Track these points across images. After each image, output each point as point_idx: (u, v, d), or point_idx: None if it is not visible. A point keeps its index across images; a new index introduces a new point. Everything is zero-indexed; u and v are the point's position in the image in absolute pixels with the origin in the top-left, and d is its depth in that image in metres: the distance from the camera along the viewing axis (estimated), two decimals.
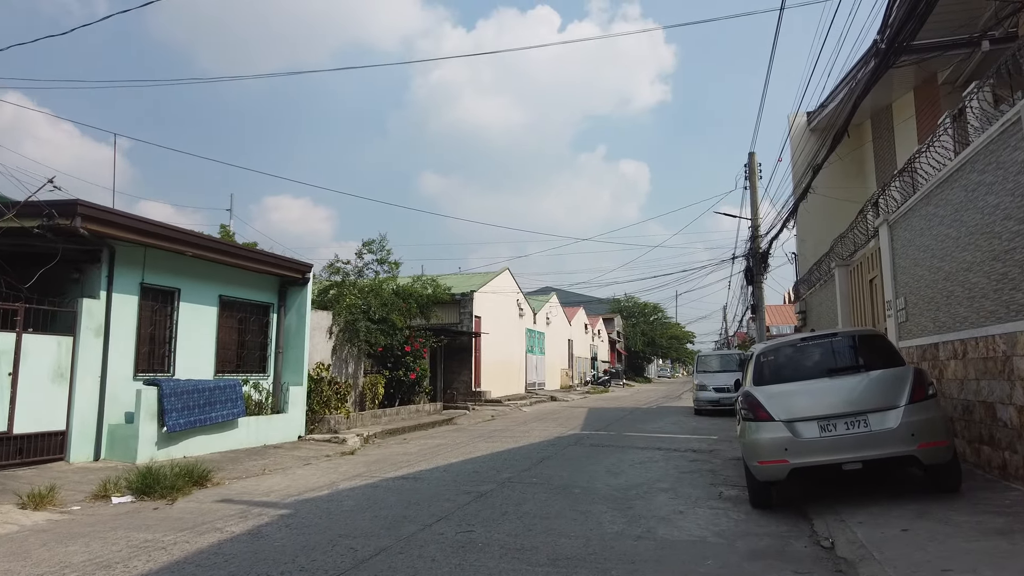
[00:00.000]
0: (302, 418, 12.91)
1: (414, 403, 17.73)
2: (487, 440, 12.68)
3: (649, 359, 72.68)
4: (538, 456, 10.17)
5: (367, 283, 16.59)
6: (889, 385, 5.97)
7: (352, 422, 14.41)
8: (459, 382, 23.30)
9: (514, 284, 28.68)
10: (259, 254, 12.15)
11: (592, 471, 8.66)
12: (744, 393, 6.58)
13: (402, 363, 16.69)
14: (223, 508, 6.67)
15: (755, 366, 6.76)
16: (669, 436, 13.13)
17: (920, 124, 15.04)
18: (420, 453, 10.91)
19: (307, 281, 13.18)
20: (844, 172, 19.70)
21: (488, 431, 14.53)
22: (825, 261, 15.78)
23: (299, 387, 12.89)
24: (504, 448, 11.29)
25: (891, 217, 9.86)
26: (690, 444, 11.70)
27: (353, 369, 15.88)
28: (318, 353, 14.66)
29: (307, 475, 8.79)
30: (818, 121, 20.47)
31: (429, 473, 8.66)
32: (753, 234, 21.38)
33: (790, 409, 6.08)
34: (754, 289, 21.58)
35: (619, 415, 19.05)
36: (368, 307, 15.44)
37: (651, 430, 14.41)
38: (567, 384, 38.30)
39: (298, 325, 13.16)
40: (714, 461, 9.58)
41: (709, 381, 19.19)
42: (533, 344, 31.86)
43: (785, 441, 5.94)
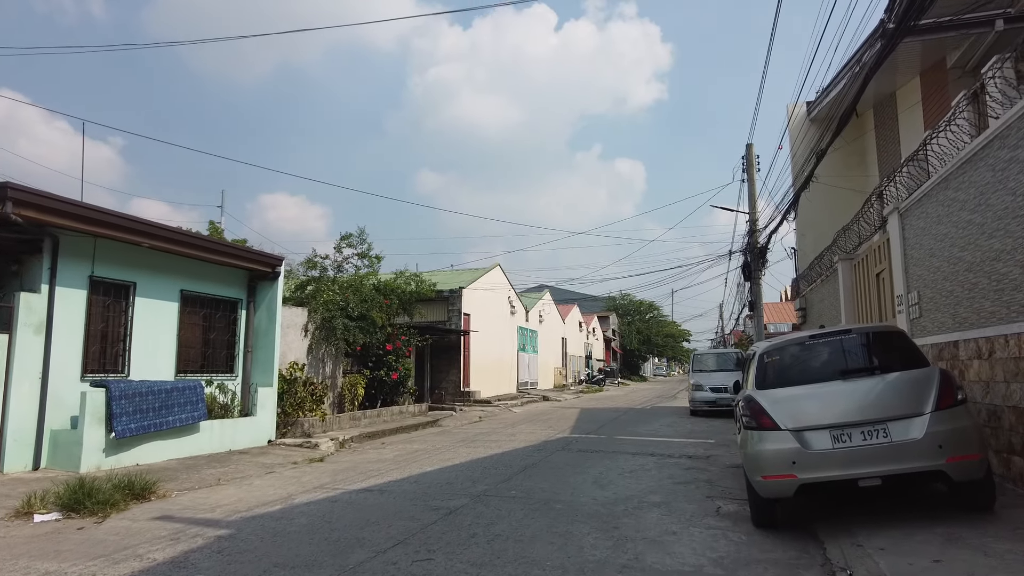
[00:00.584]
0: (272, 421, 12.11)
1: (397, 404, 16.95)
2: (469, 445, 11.91)
3: (645, 357, 71.99)
4: (521, 464, 9.41)
5: (347, 279, 15.79)
6: (912, 389, 5.22)
7: (328, 425, 13.62)
8: (447, 382, 22.53)
9: (505, 280, 27.90)
10: (224, 246, 11.34)
11: (577, 482, 7.90)
12: (745, 398, 5.82)
13: (384, 362, 15.90)
14: (156, 528, 5.88)
15: (758, 367, 6.00)
16: (663, 440, 12.38)
17: (927, 111, 14.32)
18: (395, 460, 10.14)
19: (277, 275, 12.38)
20: (845, 163, 19.00)
21: (472, 434, 13.76)
22: (827, 255, 15.05)
23: (269, 388, 12.10)
24: (486, 454, 10.52)
25: (902, 205, 9.11)
26: (685, 449, 10.95)
27: (331, 369, 15.09)
28: (292, 352, 13.87)
29: (265, 486, 8.00)
30: (818, 111, 19.75)
31: (398, 485, 7.88)
32: (751, 228, 20.66)
33: (798, 416, 5.33)
34: (752, 285, 20.85)
35: (612, 416, 18.31)
36: (346, 303, 14.64)
37: (644, 433, 13.66)
38: (560, 383, 37.55)
39: (268, 322, 12.36)
40: (711, 469, 8.83)
41: (705, 381, 18.46)
42: (525, 342, 31.09)
43: (792, 453, 5.19)
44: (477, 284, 24.47)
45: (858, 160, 19.72)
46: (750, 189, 20.92)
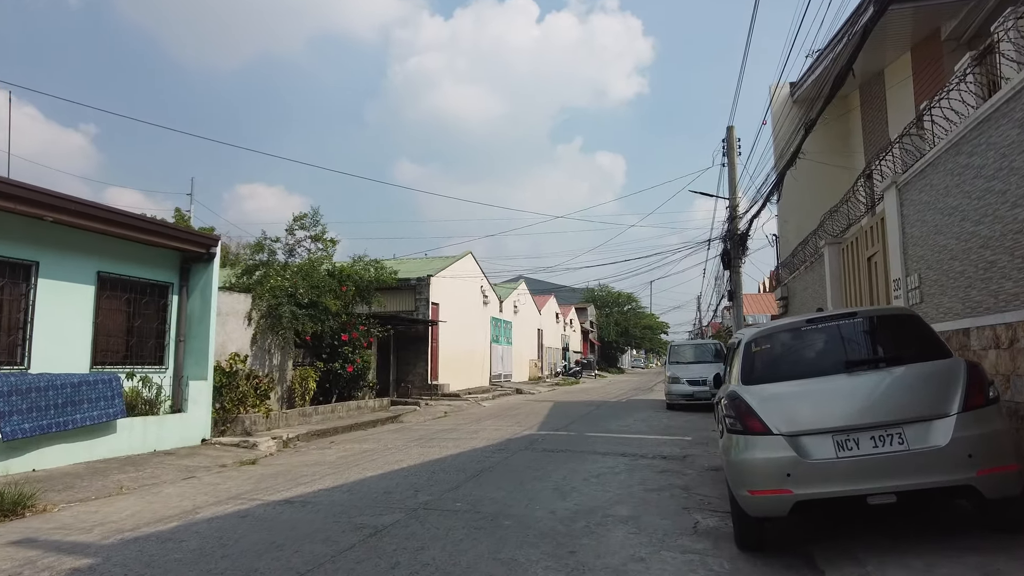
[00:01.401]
0: (207, 418, 10.94)
1: (355, 399, 15.82)
2: (425, 444, 10.85)
3: (623, 349, 71.49)
4: (476, 467, 8.37)
5: (299, 264, 14.58)
6: (933, 385, 4.27)
7: (274, 422, 12.46)
8: (414, 375, 21.42)
9: (477, 269, 26.80)
10: (148, 223, 10.09)
11: (536, 490, 6.88)
12: (729, 395, 4.82)
13: (339, 354, 14.74)
14: (4, 557, 4.74)
15: (744, 358, 5.01)
16: (636, 437, 11.43)
17: (918, 86, 13.48)
18: (336, 463, 9.04)
19: (212, 257, 11.16)
20: (829, 147, 18.19)
21: (432, 432, 12.70)
22: (812, 240, 14.20)
23: (203, 382, 10.91)
24: (440, 455, 9.47)
25: (901, 179, 8.20)
26: (660, 448, 10.01)
27: (279, 361, 13.90)
28: (233, 342, 12.66)
29: (174, 495, 6.87)
30: (802, 91, 18.91)
31: (327, 495, 6.79)
32: (731, 214, 19.81)
33: (794, 418, 4.36)
34: (731, 274, 20.03)
35: (584, 410, 17.36)
36: (295, 289, 13.45)
37: (617, 429, 12.71)
38: (536, 376, 36.63)
39: (203, 309, 11.15)
40: (687, 472, 7.88)
41: (682, 373, 17.59)
42: (499, 334, 30.06)
43: (787, 463, 4.22)
44: (447, 272, 23.35)
45: (842, 144, 18.93)
46: (730, 173, 20.06)
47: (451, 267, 23.77)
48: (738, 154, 20.30)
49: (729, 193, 19.98)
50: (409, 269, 23.56)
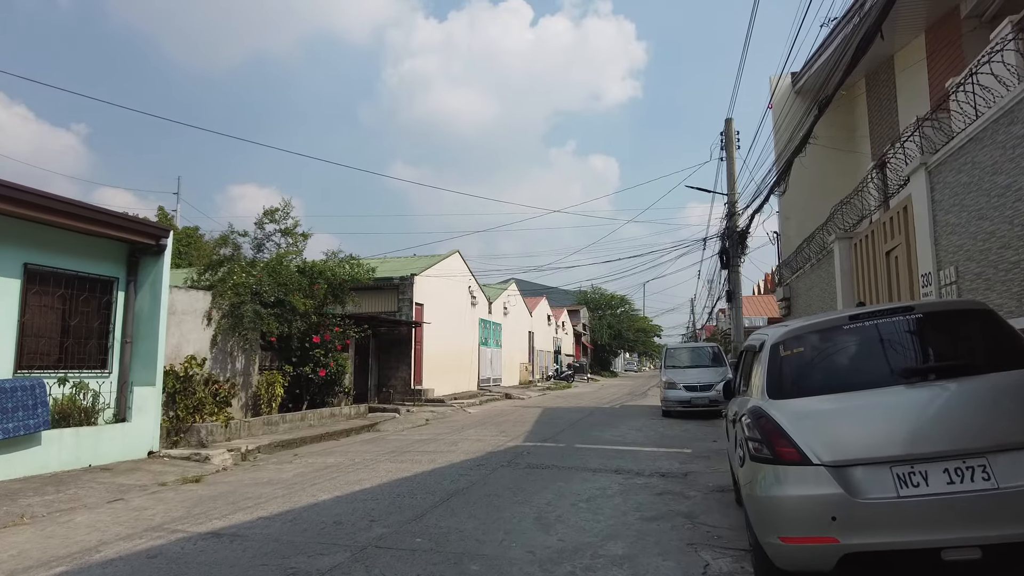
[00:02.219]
0: (155, 428, 9.84)
1: (329, 406, 14.72)
2: (396, 458, 9.78)
3: (616, 353, 70.51)
4: (449, 487, 7.31)
5: (269, 260, 13.48)
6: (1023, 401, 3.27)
7: (234, 431, 11.36)
8: (396, 379, 20.33)
9: (465, 268, 25.74)
10: (84, 209, 8.97)
11: (514, 518, 5.83)
12: (752, 412, 3.80)
13: (310, 357, 13.65)
14: None
15: (770, 364, 3.98)
16: (631, 449, 10.41)
17: (933, 69, 12.56)
18: (291, 481, 7.96)
19: (163, 249, 10.07)
20: (833, 141, 17.28)
21: (407, 443, 11.63)
22: (818, 236, 13.24)
23: (151, 387, 9.82)
24: (410, 472, 8.40)
25: (932, 160, 7.22)
26: (657, 463, 8.98)
27: (243, 364, 12.80)
28: (190, 344, 11.56)
29: (81, 526, 5.78)
30: (805, 81, 18.02)
31: (265, 525, 5.72)
32: (730, 211, 18.86)
33: (839, 443, 3.36)
34: (730, 274, 19.06)
35: (576, 417, 16.33)
36: (260, 287, 12.36)
37: (610, 439, 11.68)
38: (526, 380, 35.57)
39: (153, 307, 10.06)
40: (690, 495, 6.85)
41: (679, 378, 16.57)
42: (488, 336, 29.00)
43: (832, 503, 3.21)
44: (432, 271, 22.28)
45: (847, 136, 18.04)
46: (729, 167, 19.11)
47: (437, 266, 22.70)
48: (737, 147, 19.37)
49: (728, 188, 19.02)
50: (392, 268, 22.49)
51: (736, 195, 18.89)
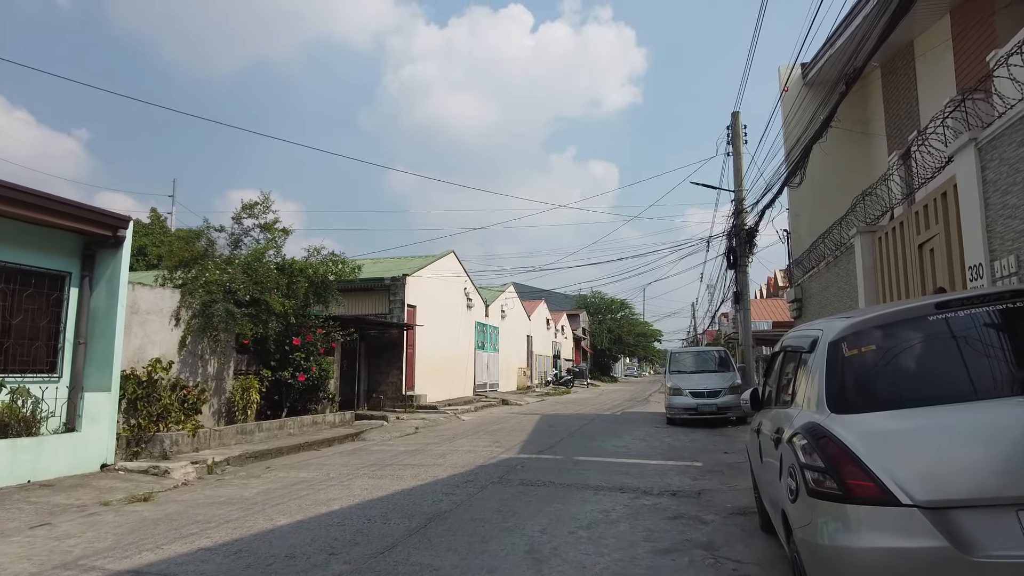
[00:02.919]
0: (109, 439, 8.91)
1: (311, 413, 13.77)
2: (376, 472, 8.84)
3: (616, 357, 69.59)
4: (428, 510, 6.37)
5: (245, 256, 12.54)
6: None
7: (202, 441, 10.42)
8: (387, 385, 19.38)
9: (460, 269, 24.82)
10: (26, 194, 8.03)
11: (501, 552, 4.90)
12: (809, 430, 2.86)
13: (289, 361, 12.71)
14: None
15: (829, 368, 3.03)
16: (636, 463, 9.47)
17: (961, 50, 11.66)
18: (252, 500, 7.02)
19: (121, 241, 9.16)
20: (845, 136, 16.39)
21: (392, 455, 10.69)
22: (835, 232, 12.33)
23: (104, 394, 8.89)
24: (388, 491, 7.46)
25: (984, 134, 6.31)
26: (666, 478, 8.05)
27: (216, 368, 11.86)
28: (155, 346, 10.62)
29: None
30: (817, 71, 17.13)
31: (201, 561, 4.78)
32: (737, 208, 17.97)
33: (937, 475, 2.44)
34: (737, 274, 18.17)
35: (575, 425, 15.39)
36: (235, 285, 11.43)
37: (612, 451, 10.75)
38: (524, 385, 34.61)
39: (110, 304, 9.13)
40: (707, 519, 5.92)
41: (684, 384, 15.64)
42: (484, 340, 28.06)
43: (934, 561, 2.29)
44: (426, 272, 21.36)
45: (860, 130, 17.13)
46: (736, 163, 18.23)
47: (430, 266, 21.79)
48: (744, 142, 18.49)
49: (735, 184, 18.15)
50: (384, 268, 21.58)
51: (744, 191, 18.02)
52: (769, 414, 4.24)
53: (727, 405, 14.90)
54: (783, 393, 3.93)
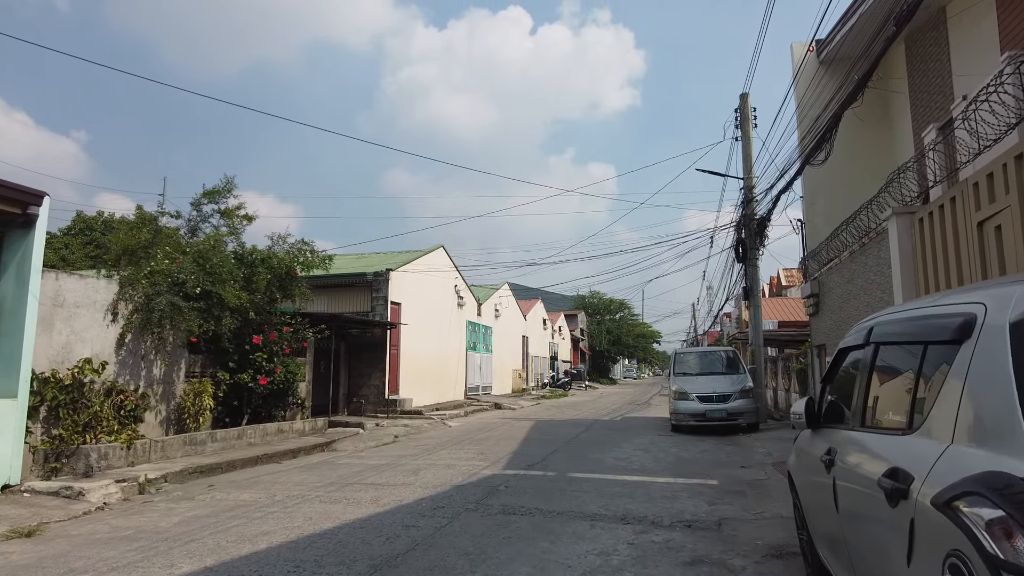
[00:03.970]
0: (14, 454, 7.52)
1: (278, 420, 12.37)
2: (330, 495, 7.45)
3: (615, 359, 68.24)
4: (377, 553, 4.99)
5: (198, 243, 11.14)
6: None
7: (141, 454, 9.03)
8: (369, 388, 17.99)
9: (451, 264, 23.45)
10: None
11: None
12: (1001, 489, 1.49)
13: (250, 362, 11.32)
14: None
15: (1020, 368, 1.67)
16: (640, 480, 8.10)
17: (1004, 15, 10.32)
18: (166, 533, 5.63)
19: (32, 221, 7.77)
20: (864, 120, 15.07)
21: (357, 470, 9.30)
22: (862, 216, 10.96)
23: (10, 401, 7.49)
24: (335, 522, 6.07)
25: None
26: (677, 503, 6.68)
27: (165, 370, 10.47)
28: (85, 344, 9.23)
29: None
30: (833, 48, 15.80)
31: None
32: (746, 196, 16.62)
33: None
34: (747, 268, 16.83)
35: (571, 433, 14.01)
36: (184, 276, 10.04)
37: (612, 465, 9.38)
38: (520, 388, 33.22)
39: (18, 295, 7.75)
40: (734, 563, 4.57)
41: (691, 387, 14.28)
42: (476, 340, 26.68)
43: None
44: (413, 267, 19.98)
45: (881, 113, 15.80)
46: (745, 148, 16.90)
47: (417, 261, 20.40)
48: (754, 126, 17.16)
49: (744, 171, 16.82)
50: (368, 263, 20.20)
51: (753, 179, 16.68)
52: (839, 439, 2.88)
53: (738, 411, 13.56)
54: (880, 410, 2.57)
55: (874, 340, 2.69)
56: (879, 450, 2.32)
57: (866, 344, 2.79)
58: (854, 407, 2.86)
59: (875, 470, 2.18)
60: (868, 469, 2.32)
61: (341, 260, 23.05)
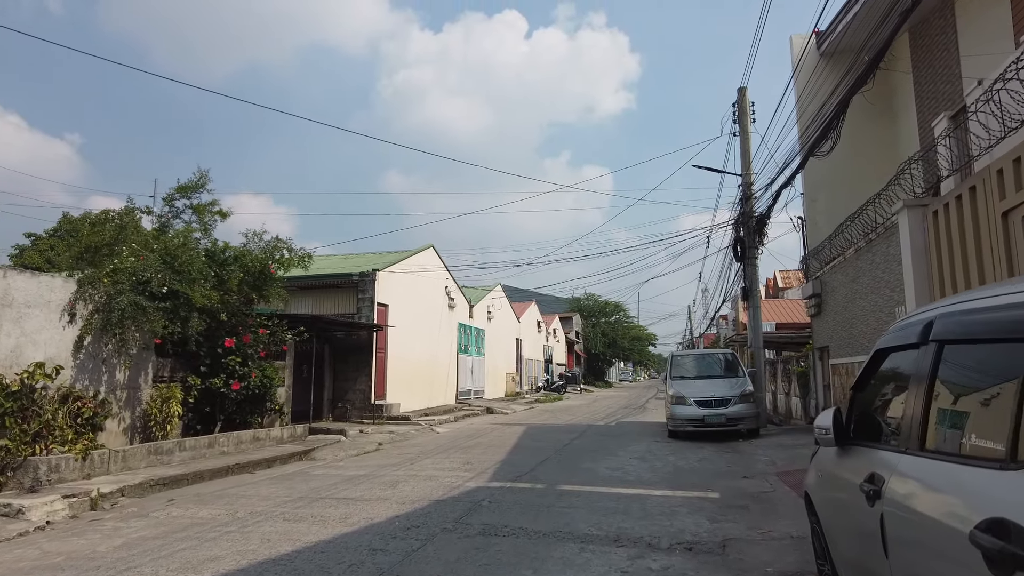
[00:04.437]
0: None
1: (254, 427, 11.72)
2: (295, 512, 6.82)
3: (610, 362, 67.67)
4: None
5: (165, 239, 10.50)
6: None
7: (99, 465, 8.39)
8: (355, 393, 17.33)
9: (441, 265, 22.82)
10: None
11: None
12: None
13: (222, 366, 10.68)
14: None
15: None
16: (636, 493, 7.49)
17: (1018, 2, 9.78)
18: (101, 561, 5.00)
19: None
20: (866, 114, 14.56)
21: (331, 483, 8.66)
22: (868, 211, 10.40)
23: None
24: (293, 547, 5.44)
25: None
26: (677, 520, 6.08)
27: (130, 375, 9.82)
28: (38, 347, 8.58)
29: None
30: (835, 39, 15.28)
31: None
32: (745, 193, 16.07)
33: None
34: (745, 267, 16.26)
35: (564, 439, 13.40)
36: (150, 274, 9.41)
37: (606, 475, 8.77)
38: (513, 391, 32.59)
39: None
40: None
41: (689, 392, 13.67)
42: (468, 343, 26.04)
43: None
44: (401, 267, 19.35)
45: (883, 107, 15.28)
46: (743, 143, 16.35)
47: (406, 262, 19.77)
48: (752, 121, 16.62)
49: (742, 167, 16.26)
50: (355, 263, 19.57)
51: (752, 175, 16.12)
52: (896, 465, 2.28)
53: (738, 416, 12.96)
54: (950, 429, 1.97)
55: (937, 338, 2.10)
56: (964, 489, 1.72)
57: (922, 343, 2.20)
58: (905, 423, 2.26)
59: (962, 517, 1.58)
60: (946, 513, 1.72)
61: (328, 261, 22.43)
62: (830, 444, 2.95)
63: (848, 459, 2.81)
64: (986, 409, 1.81)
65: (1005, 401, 1.64)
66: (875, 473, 2.32)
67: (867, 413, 2.85)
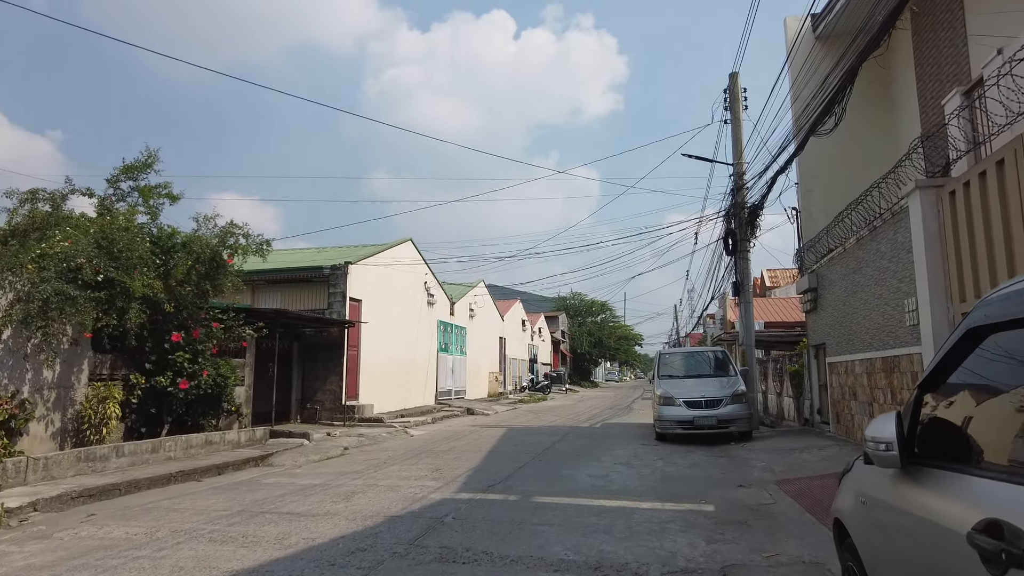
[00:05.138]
0: None
1: (207, 430, 10.73)
2: (225, 532, 5.89)
3: (596, 361, 66.97)
4: None
5: (101, 221, 9.48)
6: None
7: (16, 475, 7.39)
8: (324, 393, 16.36)
9: (419, 258, 21.88)
10: None
11: None
12: None
13: (168, 363, 9.69)
14: None
15: None
16: (620, 506, 6.64)
17: None
18: None
19: None
20: (866, 101, 13.87)
21: (280, 493, 7.73)
22: (872, 196, 9.63)
23: None
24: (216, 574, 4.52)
25: None
26: (667, 539, 5.22)
27: (60, 372, 8.82)
28: None
29: None
30: (832, 20, 14.57)
31: None
32: (736, 183, 15.30)
33: None
34: (736, 261, 15.50)
35: (545, 442, 12.55)
36: (84, 261, 8.42)
37: (587, 485, 7.91)
38: (496, 391, 31.69)
39: None
40: None
41: (677, 392, 12.86)
42: (449, 341, 25.11)
43: None
44: (375, 260, 18.38)
45: (882, 93, 14.62)
46: (735, 131, 15.59)
47: (381, 255, 18.81)
48: (744, 108, 15.86)
49: (733, 156, 15.49)
50: (328, 257, 18.57)
51: (744, 164, 15.36)
52: (1001, 494, 1.43)
53: (730, 417, 12.17)
54: None
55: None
56: None
57: None
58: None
59: None
60: None
61: (300, 254, 21.43)
62: (892, 465, 2.10)
63: (924, 488, 1.97)
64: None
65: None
66: (999, 522, 1.47)
67: (947, 422, 2.02)
